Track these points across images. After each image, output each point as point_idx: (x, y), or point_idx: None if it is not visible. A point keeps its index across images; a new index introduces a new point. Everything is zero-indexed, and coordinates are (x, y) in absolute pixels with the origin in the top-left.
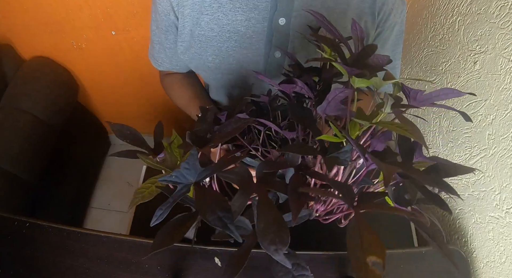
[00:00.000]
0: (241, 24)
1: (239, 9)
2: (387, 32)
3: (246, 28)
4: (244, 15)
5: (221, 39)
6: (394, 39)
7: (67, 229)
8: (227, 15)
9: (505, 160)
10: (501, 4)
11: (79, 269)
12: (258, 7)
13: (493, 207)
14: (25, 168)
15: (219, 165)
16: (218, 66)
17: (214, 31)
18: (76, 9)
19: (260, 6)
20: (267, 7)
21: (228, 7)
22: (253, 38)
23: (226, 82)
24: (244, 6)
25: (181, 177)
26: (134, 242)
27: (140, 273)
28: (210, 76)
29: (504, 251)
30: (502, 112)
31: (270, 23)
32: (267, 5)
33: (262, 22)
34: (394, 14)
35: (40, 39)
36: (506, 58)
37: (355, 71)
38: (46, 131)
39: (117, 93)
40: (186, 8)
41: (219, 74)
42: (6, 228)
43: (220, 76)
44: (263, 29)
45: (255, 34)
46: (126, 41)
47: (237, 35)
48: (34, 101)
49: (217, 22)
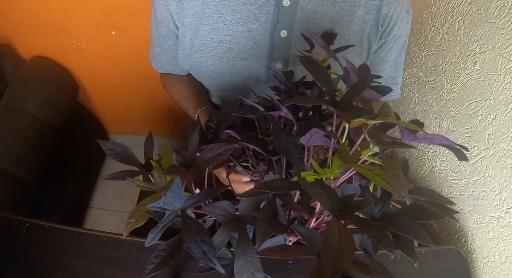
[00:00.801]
0: (242, 35)
1: (240, 20)
2: (390, 43)
3: (247, 40)
4: (245, 27)
5: (221, 49)
6: (397, 51)
7: (67, 229)
8: (228, 26)
9: (505, 160)
10: (501, 4)
11: (79, 269)
12: (259, 19)
13: (493, 207)
14: (25, 168)
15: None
16: (219, 75)
17: (215, 41)
18: (76, 9)
19: (261, 18)
20: (269, 19)
21: (229, 18)
22: (254, 49)
23: (227, 90)
24: (245, 18)
25: (168, 203)
26: (134, 242)
27: (140, 273)
28: (210, 83)
29: (504, 251)
30: (502, 112)
31: (272, 35)
32: (268, 17)
33: (263, 34)
34: (399, 26)
35: (40, 39)
36: (506, 58)
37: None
38: (46, 131)
39: (117, 93)
40: (187, 17)
41: (220, 84)
42: (6, 228)
43: (221, 86)
44: (264, 41)
45: (256, 46)
46: (126, 41)
47: (237, 46)
48: (34, 101)
49: (218, 32)
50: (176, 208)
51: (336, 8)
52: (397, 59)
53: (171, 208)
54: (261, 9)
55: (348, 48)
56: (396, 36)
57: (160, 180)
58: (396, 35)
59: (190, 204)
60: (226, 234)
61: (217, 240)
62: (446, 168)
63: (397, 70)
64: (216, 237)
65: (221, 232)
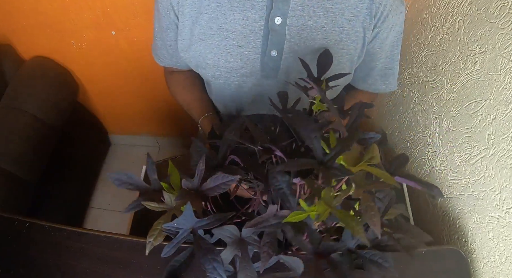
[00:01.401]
0: (238, 23)
1: (236, 8)
2: (385, 33)
3: (243, 27)
4: (241, 14)
5: (219, 37)
6: (393, 40)
7: (67, 229)
8: (225, 14)
9: (505, 160)
10: (501, 4)
11: (79, 269)
12: (255, 6)
13: (493, 207)
14: (25, 168)
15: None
16: (216, 64)
17: (213, 30)
18: (76, 9)
19: (256, 5)
20: (264, 6)
21: (226, 6)
22: (250, 36)
23: (225, 81)
24: (242, 5)
25: (181, 224)
26: (134, 242)
27: (140, 273)
28: (209, 73)
29: (504, 251)
30: (502, 112)
31: (267, 22)
32: (263, 4)
33: (259, 21)
34: (393, 15)
35: (40, 39)
36: (506, 58)
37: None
38: (46, 131)
39: (117, 93)
40: (186, 7)
41: (218, 72)
42: (6, 228)
43: (219, 74)
44: (259, 28)
45: (252, 33)
46: (126, 41)
47: (234, 33)
48: (34, 101)
49: (216, 20)
50: (188, 227)
51: None
52: (393, 49)
53: (184, 227)
54: None
55: (343, 76)
56: (390, 26)
57: (170, 200)
58: (390, 25)
59: (201, 225)
60: (231, 253)
61: (223, 257)
62: (446, 168)
63: (393, 61)
64: (223, 254)
65: (227, 251)
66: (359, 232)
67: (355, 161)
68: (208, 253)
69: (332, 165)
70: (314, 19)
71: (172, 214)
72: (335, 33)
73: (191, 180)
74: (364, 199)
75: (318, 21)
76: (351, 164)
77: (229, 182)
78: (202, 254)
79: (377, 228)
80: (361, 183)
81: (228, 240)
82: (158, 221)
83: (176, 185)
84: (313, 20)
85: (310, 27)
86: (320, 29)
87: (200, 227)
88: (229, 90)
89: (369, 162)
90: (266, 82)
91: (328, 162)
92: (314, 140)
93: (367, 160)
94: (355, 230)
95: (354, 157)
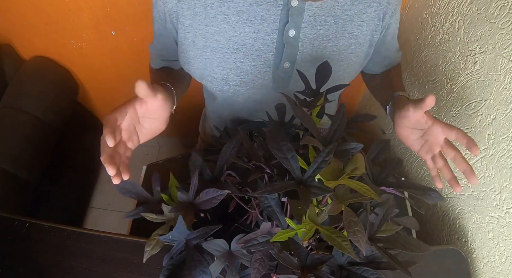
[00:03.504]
0: (248, 36)
1: (246, 21)
2: (394, 23)
3: (254, 40)
4: (252, 27)
5: (227, 51)
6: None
7: (67, 229)
8: (234, 27)
9: (505, 160)
10: (501, 4)
11: (79, 269)
12: (266, 19)
13: (493, 207)
14: (25, 168)
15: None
16: (225, 77)
17: (220, 43)
18: (76, 9)
19: (268, 18)
20: (276, 19)
21: (234, 19)
22: (262, 50)
23: (234, 93)
24: (252, 18)
25: (175, 236)
26: (134, 242)
27: (140, 273)
28: (216, 87)
29: (504, 251)
30: (502, 112)
31: (281, 35)
32: (276, 17)
33: (271, 34)
34: (397, 4)
35: (40, 39)
36: (506, 58)
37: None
38: (46, 131)
39: (117, 93)
40: (186, 18)
41: (226, 86)
42: (6, 228)
43: (227, 88)
44: (271, 41)
45: (263, 46)
46: (126, 41)
47: (244, 47)
48: (34, 101)
49: (223, 34)
50: (183, 239)
51: (339, 4)
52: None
53: (178, 239)
54: (268, 10)
55: (342, 88)
56: (397, 14)
57: (168, 212)
58: (397, 13)
59: (192, 238)
60: (219, 266)
61: (212, 270)
62: None
63: (397, 44)
64: (211, 267)
65: (216, 264)
66: (345, 248)
67: (336, 175)
68: (198, 265)
69: (311, 183)
70: (325, 28)
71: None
72: (345, 39)
73: (187, 193)
74: (346, 214)
75: (329, 29)
76: (331, 179)
77: (218, 197)
78: (193, 266)
79: (361, 244)
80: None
81: (217, 253)
82: (156, 231)
83: (176, 197)
84: (325, 29)
85: (321, 36)
86: (331, 37)
87: (191, 239)
88: (237, 102)
89: (352, 173)
90: (277, 95)
91: (308, 180)
92: (290, 160)
93: (350, 171)
94: (341, 246)
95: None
